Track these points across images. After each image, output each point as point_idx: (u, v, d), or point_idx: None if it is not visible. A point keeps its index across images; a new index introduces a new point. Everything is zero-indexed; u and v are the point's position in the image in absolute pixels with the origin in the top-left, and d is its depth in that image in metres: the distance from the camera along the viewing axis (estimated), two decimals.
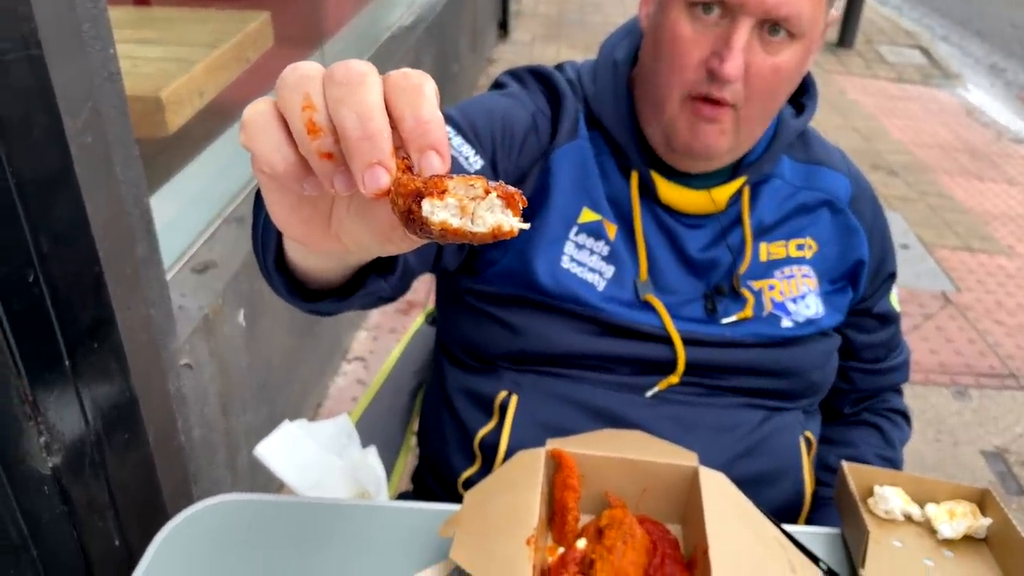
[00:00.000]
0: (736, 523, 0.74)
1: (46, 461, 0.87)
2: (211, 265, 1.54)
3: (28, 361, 0.82)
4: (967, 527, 0.83)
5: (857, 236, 0.98)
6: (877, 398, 1.14)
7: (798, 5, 0.78)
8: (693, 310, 0.92)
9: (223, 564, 0.75)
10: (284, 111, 0.41)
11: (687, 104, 0.84)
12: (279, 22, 2.14)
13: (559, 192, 0.90)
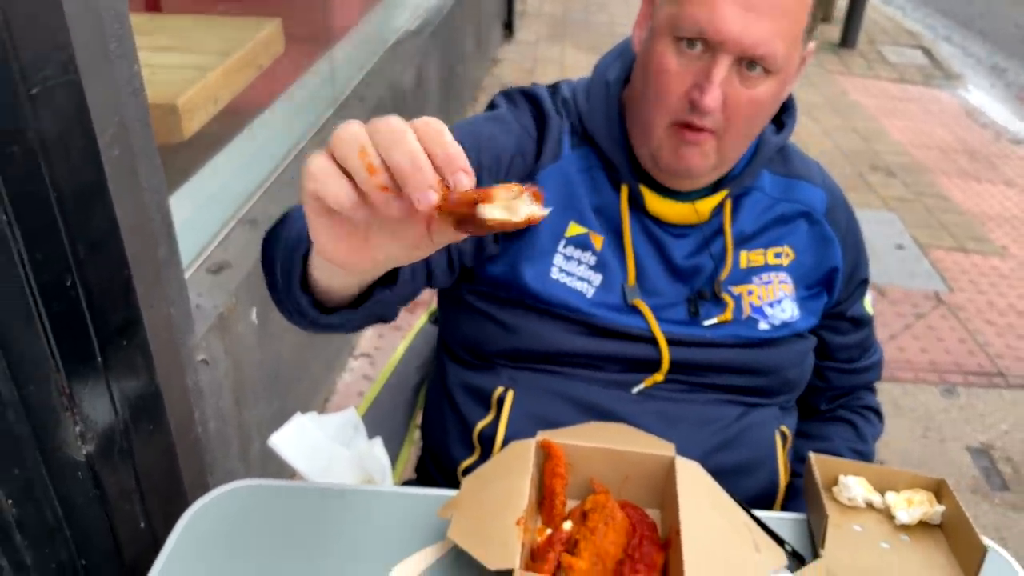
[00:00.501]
0: (707, 508, 0.82)
1: (80, 449, 0.95)
2: (225, 266, 1.62)
3: (65, 357, 0.90)
4: (923, 514, 0.90)
5: (832, 245, 1.06)
6: (852, 396, 1.21)
7: (774, 45, 0.85)
8: (677, 313, 1.00)
9: (242, 544, 0.83)
10: (343, 160, 0.53)
11: (672, 130, 0.90)
12: (289, 27, 2.21)
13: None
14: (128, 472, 1.04)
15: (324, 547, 0.84)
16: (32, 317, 0.86)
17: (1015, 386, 2.48)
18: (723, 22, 0.83)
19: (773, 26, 0.84)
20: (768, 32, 0.84)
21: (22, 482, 0.95)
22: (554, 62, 5.24)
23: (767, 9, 0.83)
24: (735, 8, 0.82)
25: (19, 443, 0.92)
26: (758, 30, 0.83)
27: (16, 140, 0.79)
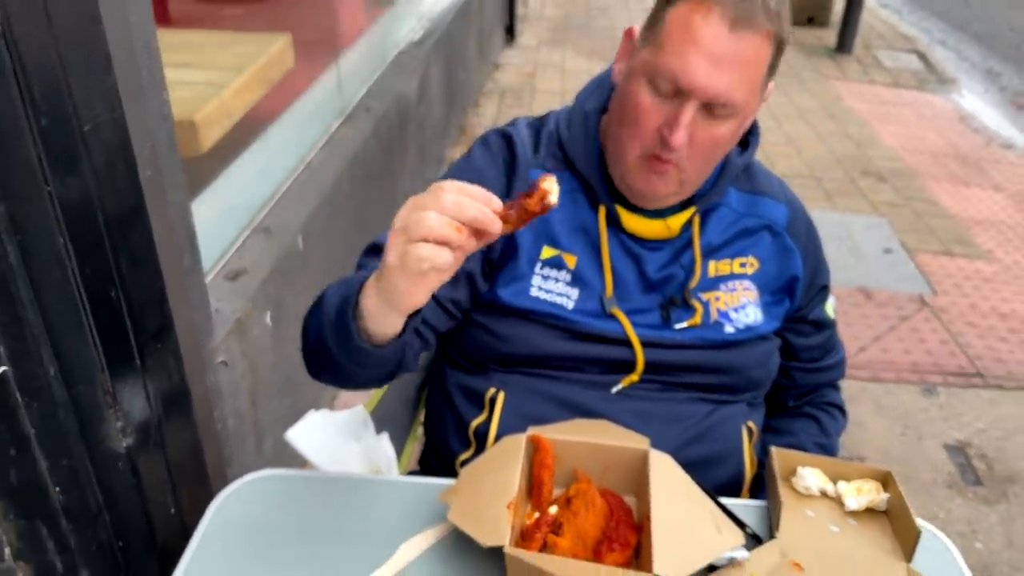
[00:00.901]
0: (675, 494, 0.93)
1: (121, 442, 1.07)
2: (242, 273, 1.74)
3: (109, 360, 1.01)
4: (869, 501, 1.01)
5: (793, 256, 1.16)
6: (816, 393, 1.31)
7: (736, 94, 0.96)
8: (651, 318, 1.10)
9: (264, 527, 0.95)
10: (441, 238, 0.73)
11: (642, 159, 1.01)
12: (297, 41, 2.32)
13: (522, 241, 1.08)
14: (161, 463, 1.15)
15: (338, 530, 0.95)
16: (82, 325, 0.98)
17: (992, 386, 2.59)
18: (693, 74, 0.94)
19: (736, 78, 0.95)
20: (731, 83, 0.95)
21: (69, 472, 1.07)
22: (555, 66, 5.34)
23: (731, 64, 0.94)
24: (704, 62, 0.93)
25: (67, 437, 1.04)
26: (723, 81, 0.94)
27: (72, 171, 0.91)
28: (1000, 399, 2.53)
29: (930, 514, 2.10)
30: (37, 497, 1.08)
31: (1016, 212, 3.81)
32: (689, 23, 0.94)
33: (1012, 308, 3.01)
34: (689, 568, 0.84)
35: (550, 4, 6.91)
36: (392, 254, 0.75)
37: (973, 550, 2.01)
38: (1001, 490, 2.19)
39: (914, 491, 2.17)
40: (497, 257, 1.10)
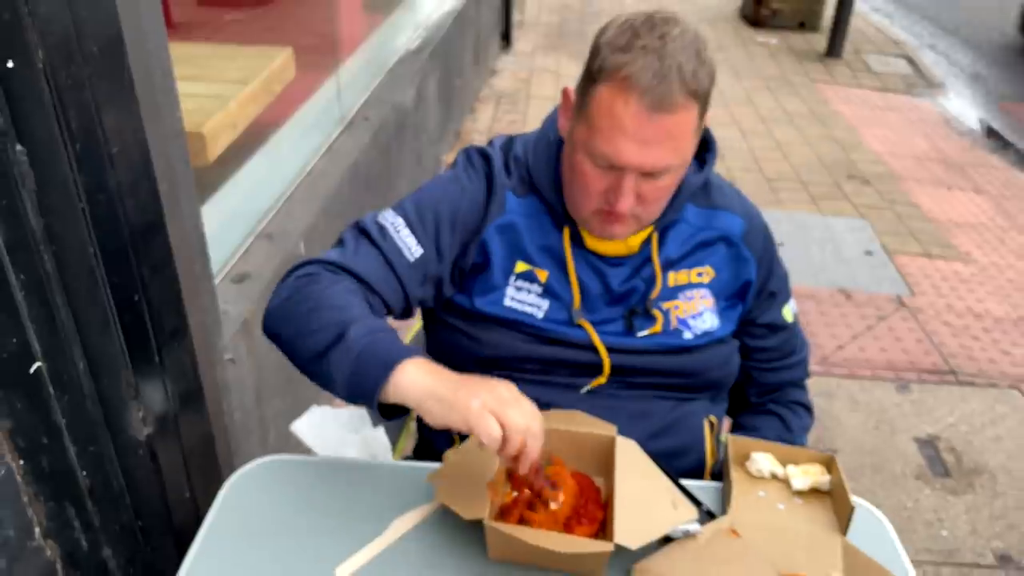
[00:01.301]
0: (637, 474, 1.05)
1: (142, 431, 1.19)
2: (247, 276, 1.85)
3: (133, 357, 1.13)
4: (814, 482, 1.12)
5: (747, 264, 1.25)
6: (780, 392, 1.39)
7: (668, 160, 1.04)
8: (616, 327, 1.20)
9: (272, 507, 1.06)
10: (508, 428, 0.88)
11: (596, 212, 1.10)
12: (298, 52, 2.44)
13: (496, 256, 1.18)
14: (177, 451, 1.27)
15: (338, 508, 1.06)
16: (109, 325, 1.09)
17: (964, 383, 2.70)
18: (625, 156, 1.02)
19: (665, 149, 1.02)
20: (661, 155, 1.02)
21: (95, 457, 1.19)
22: (550, 72, 5.46)
23: (658, 141, 1.01)
24: (633, 144, 1.01)
25: (94, 426, 1.16)
26: (654, 156, 1.02)
27: (100, 189, 1.03)
28: (970, 395, 2.65)
29: (899, 504, 2.22)
30: (66, 481, 1.19)
31: (996, 215, 3.93)
32: (612, 109, 1.01)
33: (986, 308, 3.13)
34: (646, 538, 0.96)
35: (545, 10, 7.03)
36: (482, 421, 0.87)
37: (939, 537, 2.13)
38: (968, 481, 2.31)
39: (884, 482, 2.29)
40: (468, 268, 1.19)
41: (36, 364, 1.09)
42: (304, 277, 1.09)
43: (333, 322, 1.01)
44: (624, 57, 0.99)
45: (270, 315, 1.10)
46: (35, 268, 1.02)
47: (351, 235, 1.17)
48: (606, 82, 1.01)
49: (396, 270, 1.14)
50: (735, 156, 4.38)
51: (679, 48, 0.99)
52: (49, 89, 0.94)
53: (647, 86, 0.98)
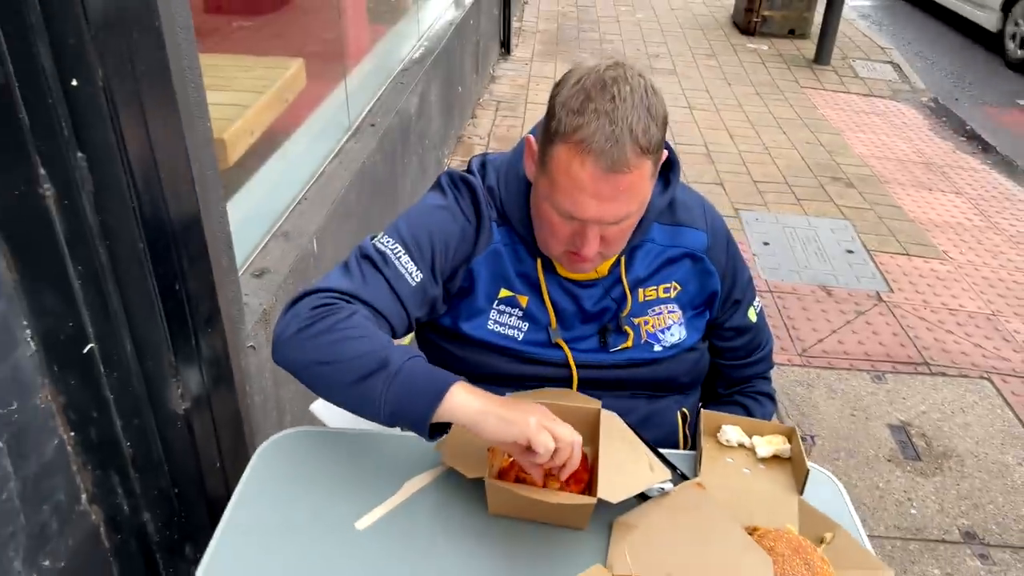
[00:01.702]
0: (617, 442, 1.19)
1: (180, 405, 1.33)
2: (266, 271, 2.00)
3: (174, 340, 1.28)
4: (776, 449, 1.27)
5: (712, 276, 1.34)
6: (746, 384, 1.51)
7: (627, 211, 1.10)
8: (590, 343, 1.29)
9: (297, 471, 1.21)
10: (558, 444, 1.00)
11: (564, 254, 1.18)
12: (307, 60, 2.58)
13: (482, 284, 1.26)
14: (209, 424, 1.42)
15: (356, 473, 1.21)
16: (154, 312, 1.24)
17: (937, 373, 2.86)
18: (585, 212, 1.09)
19: (623, 202, 1.09)
20: (619, 208, 1.09)
21: (138, 429, 1.34)
22: (547, 78, 5.62)
23: (615, 196, 1.08)
24: (592, 200, 1.08)
25: (139, 401, 1.31)
26: (613, 210, 1.09)
27: (149, 191, 1.18)
28: (942, 385, 2.80)
29: (871, 484, 2.37)
30: (111, 451, 1.34)
31: (974, 215, 4.08)
32: (570, 169, 1.07)
33: (960, 304, 3.28)
34: (625, 494, 1.10)
35: (543, 18, 7.18)
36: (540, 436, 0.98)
37: (908, 515, 2.28)
38: (937, 464, 2.46)
39: (858, 464, 2.44)
40: (455, 291, 1.27)
41: (89, 345, 1.24)
42: (322, 307, 1.12)
43: (368, 351, 1.06)
44: (578, 120, 1.05)
45: (286, 344, 1.12)
46: (91, 260, 1.17)
47: (355, 261, 1.22)
48: (563, 143, 1.07)
49: (400, 296, 1.20)
50: (724, 159, 4.54)
51: (629, 108, 1.05)
52: (107, 104, 1.09)
53: (601, 149, 1.04)
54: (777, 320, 3.11)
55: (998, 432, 2.61)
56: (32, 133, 1.06)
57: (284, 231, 2.17)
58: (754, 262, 3.51)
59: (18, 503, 1.20)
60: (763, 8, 6.79)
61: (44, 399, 1.25)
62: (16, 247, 1.14)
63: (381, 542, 1.09)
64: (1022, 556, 2.17)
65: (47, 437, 1.27)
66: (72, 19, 1.02)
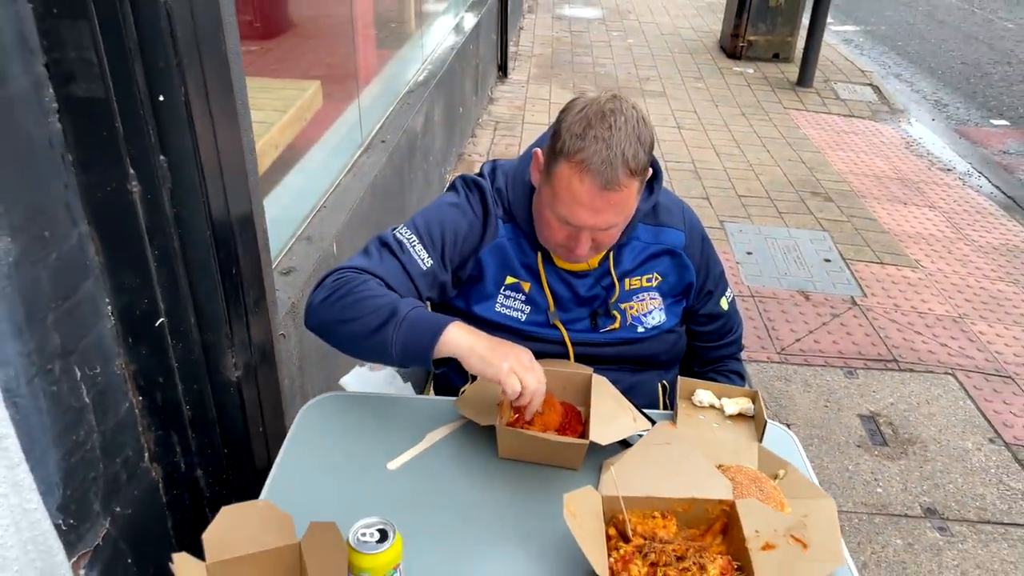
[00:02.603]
0: (606, 399, 1.42)
1: (234, 373, 1.56)
2: (292, 270, 2.23)
3: (230, 315, 1.50)
4: (741, 408, 1.50)
5: (688, 270, 1.55)
6: (720, 363, 1.73)
7: (617, 220, 1.32)
8: (583, 325, 1.51)
9: (335, 427, 1.43)
10: (527, 384, 1.23)
11: (561, 247, 1.40)
12: (325, 84, 2.83)
13: (490, 272, 1.47)
14: (255, 393, 1.64)
15: (386, 427, 1.43)
16: (216, 291, 1.47)
17: (905, 370, 3.09)
18: (581, 220, 1.30)
19: (613, 213, 1.30)
20: (610, 218, 1.31)
21: (197, 394, 1.56)
22: (543, 100, 5.89)
23: (607, 208, 1.29)
24: (587, 211, 1.29)
25: (198, 368, 1.53)
26: (603, 219, 1.31)
27: (216, 191, 1.41)
28: (909, 380, 3.03)
29: (841, 467, 2.59)
30: (174, 413, 1.56)
31: (947, 227, 4.34)
32: (571, 184, 1.28)
33: (929, 307, 3.52)
34: (612, 438, 1.32)
35: (539, 43, 7.48)
36: (509, 379, 1.21)
37: (874, 493, 2.50)
38: (902, 449, 2.69)
39: (830, 450, 2.66)
40: (465, 278, 1.49)
41: (160, 319, 1.47)
42: (341, 280, 1.37)
43: (380, 305, 1.30)
44: (580, 143, 1.26)
45: (315, 310, 1.38)
46: (166, 246, 1.40)
47: (375, 247, 1.45)
48: (567, 161, 1.28)
49: (412, 276, 1.42)
50: (710, 175, 4.80)
51: (623, 136, 1.26)
52: (187, 115, 1.33)
53: (598, 169, 1.25)
54: (758, 322, 3.35)
55: (960, 421, 2.83)
56: (125, 140, 1.29)
57: (307, 235, 2.41)
58: (738, 270, 3.75)
59: (99, 453, 1.42)
60: (748, 33, 7.10)
61: (120, 367, 1.47)
62: (104, 235, 1.37)
63: (409, 479, 1.32)
64: (978, 529, 2.39)
65: (121, 399, 1.49)
66: (162, 46, 1.25)
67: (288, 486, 1.29)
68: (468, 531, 1.22)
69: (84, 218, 1.33)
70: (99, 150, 1.29)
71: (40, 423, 1.25)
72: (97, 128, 1.27)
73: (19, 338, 1.19)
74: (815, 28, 6.19)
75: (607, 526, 1.17)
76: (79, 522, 1.37)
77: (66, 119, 1.25)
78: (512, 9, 6.61)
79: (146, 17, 1.22)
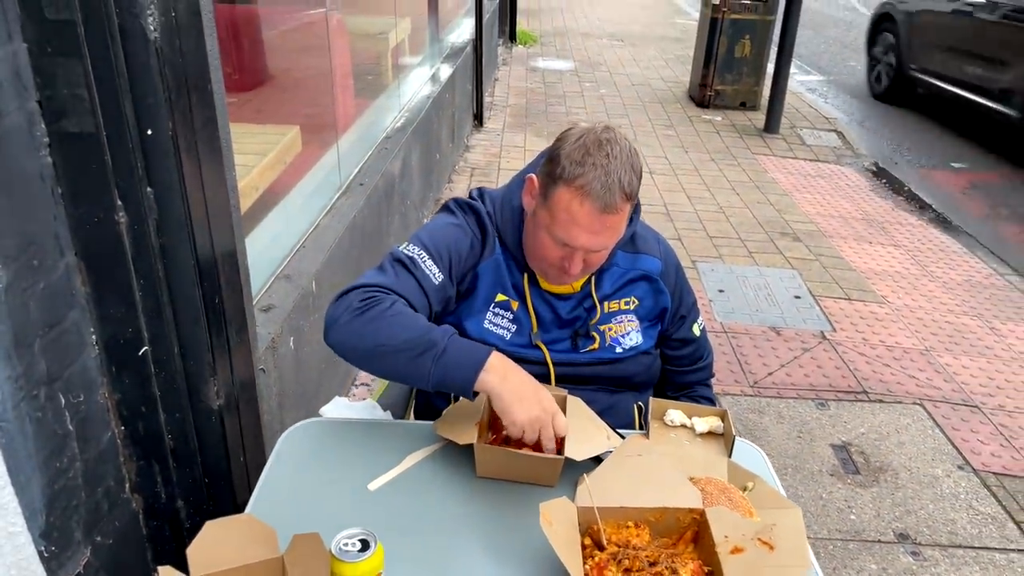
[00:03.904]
0: (581, 419, 1.46)
1: (216, 401, 1.58)
2: (272, 307, 2.27)
3: (213, 345, 1.54)
4: (711, 426, 1.55)
5: (663, 295, 1.63)
6: (690, 389, 1.79)
7: (608, 243, 1.41)
8: (564, 346, 1.57)
9: (317, 451, 1.46)
10: (544, 433, 1.32)
11: (552, 269, 1.46)
12: (304, 129, 2.91)
13: (483, 287, 1.53)
14: (237, 422, 1.67)
15: (367, 451, 1.46)
16: (200, 319, 1.51)
17: (875, 400, 3.16)
18: (577, 241, 1.38)
19: (607, 236, 1.39)
20: (604, 241, 1.40)
21: (179, 423, 1.58)
22: (517, 147, 6.03)
23: (602, 231, 1.37)
24: (584, 233, 1.37)
25: (179, 396, 1.56)
26: (598, 242, 1.39)
27: (201, 219, 1.46)
28: (879, 410, 3.10)
29: (815, 495, 2.63)
30: (155, 443, 1.59)
31: (911, 264, 4.47)
32: (570, 208, 1.35)
33: (896, 341, 3.62)
34: (587, 454, 1.37)
35: (513, 94, 7.68)
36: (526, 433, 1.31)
37: (848, 520, 2.54)
38: (874, 477, 2.74)
39: (804, 479, 2.71)
40: (462, 292, 1.54)
41: (144, 348, 1.50)
42: (368, 298, 1.37)
43: (415, 333, 1.33)
44: (580, 170, 1.34)
45: (340, 327, 1.36)
46: (151, 275, 1.45)
47: (389, 264, 1.47)
48: (566, 186, 1.35)
49: (426, 292, 1.46)
50: (683, 218, 4.92)
51: (619, 164, 1.35)
52: (174, 149, 1.39)
53: (597, 194, 1.34)
54: (731, 357, 3.42)
55: (929, 449, 2.90)
56: (114, 172, 1.35)
57: (286, 274, 2.45)
58: (711, 307, 3.83)
59: (81, 481, 1.44)
60: (716, 83, 7.34)
61: (103, 396, 1.50)
62: (91, 265, 1.41)
63: (390, 499, 1.35)
64: (949, 553, 2.44)
65: (103, 429, 1.51)
66: (151, 82, 1.32)
67: (270, 506, 1.32)
68: (449, 548, 1.25)
69: (72, 248, 1.37)
70: (88, 182, 1.34)
71: (25, 448, 1.28)
72: (87, 161, 1.33)
73: (7, 363, 1.22)
74: (779, 77, 6.42)
75: (582, 536, 1.21)
76: (61, 550, 1.38)
77: (57, 153, 1.31)
78: (487, 61, 6.80)
79: (136, 55, 1.29)
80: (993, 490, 2.71)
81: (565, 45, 10.37)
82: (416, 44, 4.88)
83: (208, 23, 1.44)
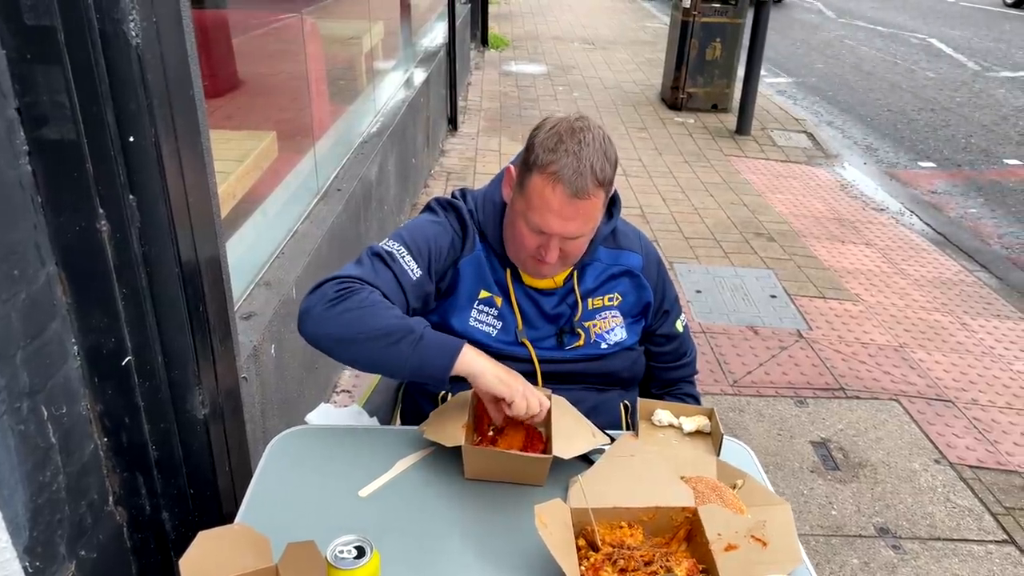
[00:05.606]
0: (566, 417, 1.46)
1: (201, 411, 1.56)
2: (253, 314, 2.25)
3: (197, 355, 1.52)
4: (699, 425, 1.56)
5: (646, 290, 1.63)
6: (674, 386, 1.80)
7: (583, 229, 1.41)
8: (549, 343, 1.57)
9: (305, 458, 1.45)
10: (525, 405, 1.33)
11: (529, 259, 1.47)
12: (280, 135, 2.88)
13: (465, 284, 1.53)
14: (222, 431, 1.65)
15: (356, 457, 1.45)
16: (183, 327, 1.49)
17: (852, 397, 3.21)
18: (552, 227, 1.38)
19: (580, 222, 1.39)
20: (578, 227, 1.40)
21: (164, 433, 1.56)
22: (492, 151, 6.04)
23: (575, 217, 1.38)
24: (556, 219, 1.37)
25: (164, 406, 1.54)
26: (572, 227, 1.39)
27: (184, 226, 1.44)
28: (856, 407, 3.15)
29: (797, 492, 2.66)
30: (139, 454, 1.56)
31: (883, 263, 4.54)
32: (543, 193, 1.37)
33: (871, 338, 3.67)
34: (574, 452, 1.36)
35: (487, 98, 7.68)
36: (523, 401, 1.32)
37: (829, 515, 2.58)
38: (853, 473, 2.78)
39: (785, 476, 2.74)
40: (443, 289, 1.54)
41: (127, 358, 1.48)
42: (344, 290, 1.37)
43: (391, 321, 1.33)
44: (552, 156, 1.36)
45: (318, 317, 1.36)
46: (134, 284, 1.43)
47: (367, 258, 1.48)
48: (539, 173, 1.37)
49: (403, 287, 1.46)
50: (658, 220, 4.95)
51: (592, 151, 1.37)
52: (157, 156, 1.37)
53: (568, 179, 1.35)
54: (710, 356, 3.45)
55: (906, 444, 2.94)
56: (95, 180, 1.33)
57: (266, 280, 2.43)
58: (689, 308, 3.86)
59: (64, 494, 1.41)
60: (687, 86, 7.41)
61: (86, 407, 1.48)
62: (72, 274, 1.39)
63: (381, 505, 1.34)
64: (929, 545, 2.48)
65: (86, 441, 1.49)
66: (132, 89, 1.30)
67: (259, 516, 1.30)
68: (442, 551, 1.25)
69: (53, 258, 1.35)
70: (69, 191, 1.32)
71: (8, 461, 1.25)
72: (68, 169, 1.31)
73: None
74: (750, 80, 6.50)
75: (576, 537, 1.21)
76: (45, 565, 1.36)
77: (37, 161, 1.28)
78: (460, 65, 6.80)
79: (118, 61, 1.27)
80: (969, 483, 2.76)
81: (537, 49, 10.41)
82: (390, 48, 4.88)
83: (188, 29, 1.43)
